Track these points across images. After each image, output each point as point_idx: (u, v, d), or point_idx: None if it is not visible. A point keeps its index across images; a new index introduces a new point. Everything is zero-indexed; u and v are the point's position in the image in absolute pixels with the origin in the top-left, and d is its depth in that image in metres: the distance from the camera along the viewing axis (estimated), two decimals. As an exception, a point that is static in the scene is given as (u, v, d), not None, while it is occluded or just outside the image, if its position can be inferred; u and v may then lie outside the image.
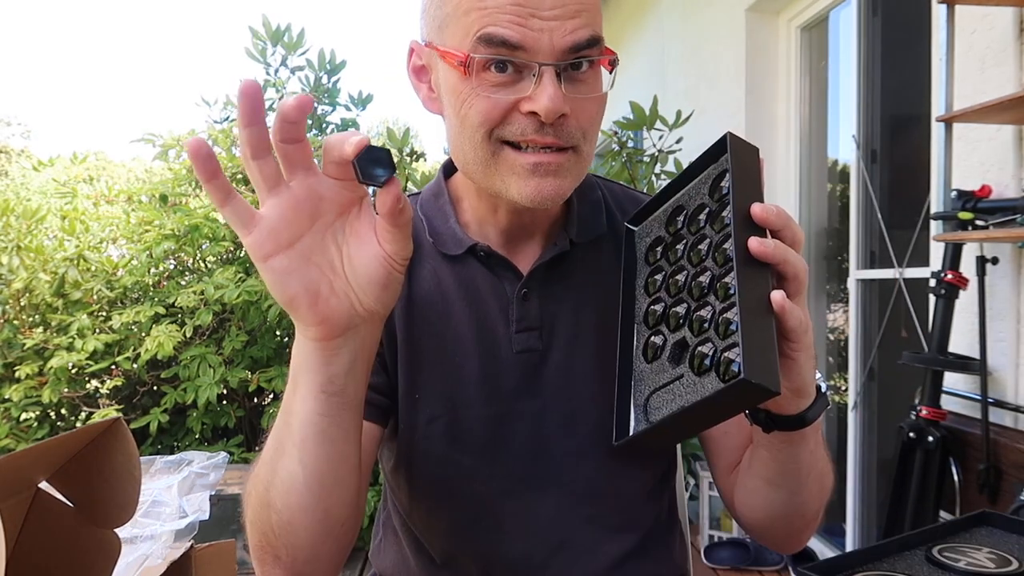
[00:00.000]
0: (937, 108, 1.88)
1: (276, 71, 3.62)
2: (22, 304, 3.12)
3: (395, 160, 3.42)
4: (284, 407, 0.62)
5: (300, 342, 0.58)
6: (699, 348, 0.59)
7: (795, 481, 0.72)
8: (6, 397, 2.95)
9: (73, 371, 3.09)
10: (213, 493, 1.46)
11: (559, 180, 0.69)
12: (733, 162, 0.61)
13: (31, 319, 3.20)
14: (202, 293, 2.95)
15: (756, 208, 0.59)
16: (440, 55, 0.69)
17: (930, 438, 1.78)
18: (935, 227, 1.86)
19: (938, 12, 1.87)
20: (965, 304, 1.83)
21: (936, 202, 1.87)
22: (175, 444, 3.27)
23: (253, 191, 3.58)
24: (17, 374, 2.94)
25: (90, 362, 2.97)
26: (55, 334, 3.03)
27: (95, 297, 3.17)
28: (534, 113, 0.65)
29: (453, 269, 0.80)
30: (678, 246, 0.68)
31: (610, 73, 0.70)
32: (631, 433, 0.68)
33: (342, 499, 0.64)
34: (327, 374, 0.58)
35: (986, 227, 1.68)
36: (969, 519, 0.80)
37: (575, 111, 0.67)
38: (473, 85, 0.66)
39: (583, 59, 0.66)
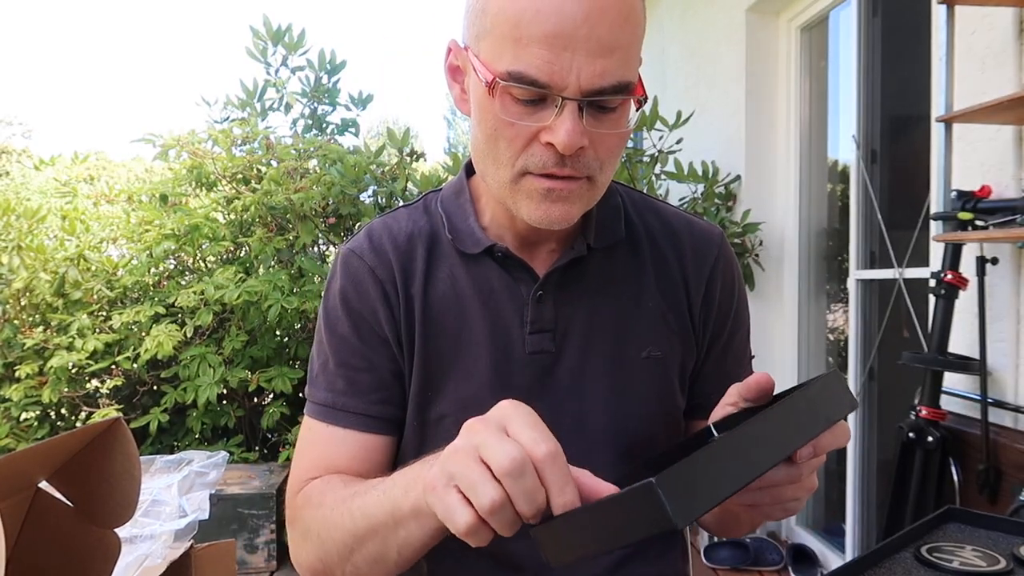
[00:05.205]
0: (937, 108, 1.88)
1: (277, 71, 3.64)
2: (22, 304, 3.12)
3: (395, 160, 3.39)
4: (392, 504, 0.64)
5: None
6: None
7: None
8: (6, 397, 2.95)
9: (73, 371, 3.08)
10: (213, 492, 1.46)
11: (567, 206, 0.70)
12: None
13: (31, 319, 3.19)
14: (202, 293, 2.95)
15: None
16: (472, 64, 0.69)
17: (930, 438, 1.78)
18: (935, 227, 1.86)
19: (938, 12, 1.87)
20: (965, 304, 1.83)
21: (936, 202, 1.87)
22: (175, 444, 3.27)
23: (253, 191, 3.57)
24: (17, 374, 2.94)
25: (90, 362, 2.97)
26: (55, 334, 3.03)
27: (95, 297, 3.17)
28: (553, 144, 0.66)
29: (469, 269, 0.80)
30: None
31: (636, 111, 0.70)
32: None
33: None
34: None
35: (986, 227, 1.68)
36: (936, 517, 0.80)
37: (595, 143, 0.67)
38: (497, 108, 0.66)
39: (606, 101, 0.66)
